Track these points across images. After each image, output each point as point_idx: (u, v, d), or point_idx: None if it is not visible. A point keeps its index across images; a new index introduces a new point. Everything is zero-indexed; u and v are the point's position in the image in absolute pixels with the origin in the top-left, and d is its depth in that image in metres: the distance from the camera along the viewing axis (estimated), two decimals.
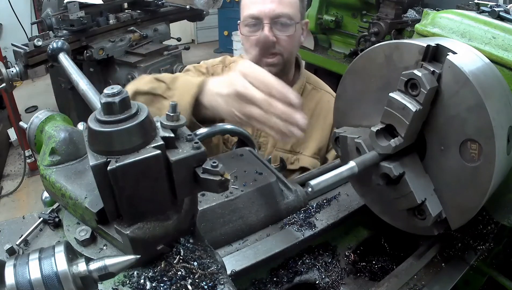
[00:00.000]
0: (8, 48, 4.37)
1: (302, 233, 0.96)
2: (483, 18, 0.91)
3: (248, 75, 0.99)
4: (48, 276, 0.49)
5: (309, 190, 0.68)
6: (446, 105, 0.73)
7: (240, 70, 1.02)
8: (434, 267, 0.94)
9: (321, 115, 1.74)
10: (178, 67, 3.82)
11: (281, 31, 1.56)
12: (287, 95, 0.95)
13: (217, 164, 0.60)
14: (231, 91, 1.01)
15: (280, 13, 1.54)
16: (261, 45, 1.57)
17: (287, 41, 1.59)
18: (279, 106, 0.95)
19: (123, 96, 0.58)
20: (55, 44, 1.10)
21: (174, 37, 4.52)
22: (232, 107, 1.01)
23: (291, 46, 1.62)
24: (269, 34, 1.54)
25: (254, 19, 1.57)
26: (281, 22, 1.55)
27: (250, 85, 0.98)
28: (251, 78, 0.99)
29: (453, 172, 0.75)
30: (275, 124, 0.96)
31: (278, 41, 1.57)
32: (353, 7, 3.89)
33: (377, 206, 0.95)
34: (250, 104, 0.98)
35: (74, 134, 0.79)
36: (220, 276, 0.64)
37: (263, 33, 1.54)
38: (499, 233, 0.97)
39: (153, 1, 4.16)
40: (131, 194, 0.58)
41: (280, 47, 1.58)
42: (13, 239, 0.78)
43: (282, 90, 0.95)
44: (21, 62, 3.07)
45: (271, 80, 0.96)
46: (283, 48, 1.59)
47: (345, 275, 0.99)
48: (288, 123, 0.96)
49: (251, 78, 0.99)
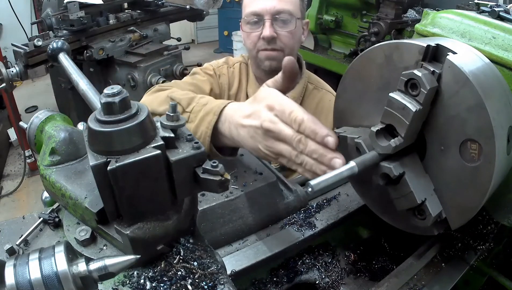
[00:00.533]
0: (8, 48, 4.36)
1: (302, 233, 0.96)
2: (483, 18, 0.91)
3: (274, 108, 0.86)
4: (48, 276, 0.49)
5: (309, 190, 0.68)
6: (446, 105, 0.73)
7: (266, 102, 0.88)
8: (434, 267, 0.94)
9: (322, 114, 1.75)
10: (178, 67, 3.82)
11: (282, 27, 1.60)
12: (319, 132, 0.80)
13: (217, 164, 0.60)
14: (256, 124, 0.87)
15: (281, 9, 1.57)
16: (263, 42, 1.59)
17: (288, 37, 1.62)
18: (310, 144, 0.81)
19: (123, 96, 0.58)
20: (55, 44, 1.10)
21: (174, 37, 4.52)
22: (258, 142, 0.88)
23: (292, 42, 1.65)
24: (270, 30, 1.57)
25: (256, 15, 1.60)
26: (282, 18, 1.58)
27: (277, 119, 0.85)
28: (278, 112, 0.85)
29: (453, 172, 0.75)
30: (306, 163, 0.83)
31: (279, 37, 1.60)
32: (353, 7, 3.89)
33: (377, 206, 0.95)
34: (278, 141, 0.85)
35: (74, 134, 0.79)
36: (220, 276, 0.64)
37: (264, 29, 1.57)
38: (499, 233, 0.97)
39: (153, 1, 4.16)
40: (131, 194, 0.58)
41: (281, 43, 1.61)
42: (13, 239, 0.78)
43: (314, 127, 0.80)
44: (21, 62, 3.07)
45: (300, 114, 0.82)
46: (284, 44, 1.62)
47: (345, 275, 0.99)
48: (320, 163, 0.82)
49: (278, 112, 0.85)
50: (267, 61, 1.64)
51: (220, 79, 1.77)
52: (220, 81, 1.77)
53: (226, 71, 1.79)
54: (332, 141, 0.78)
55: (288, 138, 0.83)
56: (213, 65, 1.82)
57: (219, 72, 1.78)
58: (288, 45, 1.63)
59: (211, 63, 1.85)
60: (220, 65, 1.82)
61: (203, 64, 1.89)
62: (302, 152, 0.82)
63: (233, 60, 1.86)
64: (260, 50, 1.64)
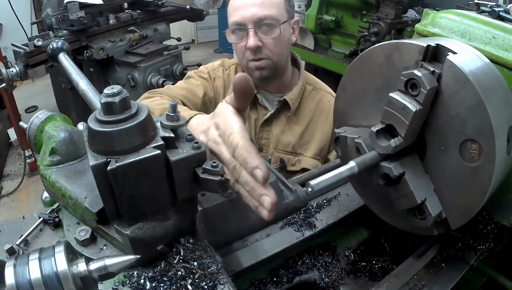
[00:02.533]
0: (8, 48, 4.36)
1: (302, 233, 0.96)
2: (483, 18, 0.91)
3: (220, 127, 0.80)
4: (48, 276, 0.49)
5: (309, 190, 0.68)
6: (446, 105, 0.73)
7: (216, 119, 0.83)
8: (434, 267, 0.94)
9: (321, 115, 1.74)
10: (178, 67, 3.81)
11: (266, 34, 1.55)
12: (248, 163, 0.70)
13: (217, 164, 0.60)
14: (204, 140, 0.83)
15: (263, 16, 1.52)
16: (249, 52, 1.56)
17: (274, 44, 1.57)
18: (243, 174, 0.72)
19: (123, 96, 0.58)
20: (55, 44, 1.10)
21: (174, 37, 4.52)
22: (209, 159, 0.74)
23: (279, 48, 1.60)
24: (254, 40, 1.53)
25: (238, 25, 1.56)
26: (265, 24, 1.53)
27: (220, 140, 0.79)
28: (221, 132, 0.79)
29: (453, 172, 0.75)
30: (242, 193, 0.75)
31: (265, 45, 1.56)
32: (353, 7, 3.89)
33: (377, 206, 0.95)
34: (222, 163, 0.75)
35: (74, 134, 0.79)
36: (220, 276, 0.64)
37: (248, 39, 1.53)
38: (499, 233, 0.97)
39: (153, 1, 4.16)
40: (131, 194, 0.58)
41: (268, 51, 1.57)
42: (13, 239, 0.78)
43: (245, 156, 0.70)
44: (21, 62, 3.06)
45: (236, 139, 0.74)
46: (270, 52, 1.57)
47: (345, 275, 0.99)
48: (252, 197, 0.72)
49: (221, 132, 0.79)
50: (257, 71, 1.61)
51: (215, 82, 1.75)
52: (215, 84, 1.75)
53: (222, 74, 1.78)
54: (260, 175, 0.68)
55: (226, 162, 0.76)
56: (208, 68, 1.80)
57: (214, 75, 1.76)
58: (275, 52, 1.58)
59: (206, 66, 1.83)
60: (216, 67, 1.80)
61: (203, 64, 1.89)
62: (237, 180, 0.74)
63: (229, 62, 1.84)
64: (248, 60, 1.60)
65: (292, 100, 1.69)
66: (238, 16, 1.55)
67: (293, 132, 1.72)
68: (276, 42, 1.57)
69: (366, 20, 3.73)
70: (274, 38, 1.55)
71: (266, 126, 1.73)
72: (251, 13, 1.52)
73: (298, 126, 1.72)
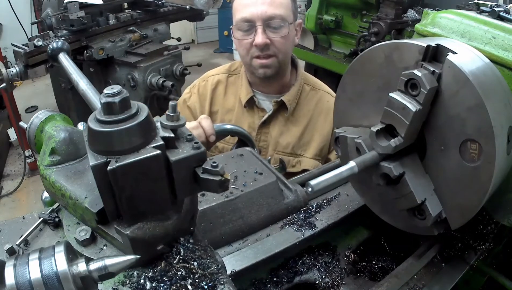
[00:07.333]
0: (8, 48, 4.36)
1: (302, 233, 0.96)
2: (483, 18, 0.91)
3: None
4: (48, 276, 0.49)
5: (309, 190, 0.68)
6: (446, 105, 0.73)
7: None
8: (434, 267, 0.94)
9: (321, 115, 1.74)
10: (178, 67, 3.81)
11: (274, 33, 1.55)
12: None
13: (217, 164, 0.60)
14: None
15: (273, 15, 1.53)
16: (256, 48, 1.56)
17: (281, 43, 1.58)
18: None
19: (123, 96, 0.58)
20: (55, 44, 1.10)
21: (174, 37, 4.51)
22: None
23: (286, 47, 1.61)
24: (262, 37, 1.53)
25: (247, 22, 1.56)
26: (274, 23, 1.54)
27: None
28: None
29: (453, 172, 0.75)
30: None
31: (273, 43, 1.56)
32: (353, 7, 3.89)
33: (377, 206, 0.95)
34: None
35: (74, 134, 0.79)
36: (220, 276, 0.64)
37: (256, 36, 1.53)
38: (499, 233, 0.97)
39: (153, 1, 4.16)
40: (131, 194, 0.58)
41: (275, 48, 1.57)
42: (13, 239, 0.78)
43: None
44: (21, 62, 3.06)
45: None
46: (277, 50, 1.58)
47: (345, 275, 0.99)
48: None
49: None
50: (261, 69, 1.61)
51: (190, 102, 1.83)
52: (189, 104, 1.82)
53: (197, 90, 1.82)
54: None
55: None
56: (182, 96, 1.87)
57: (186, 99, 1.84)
58: (281, 50, 1.59)
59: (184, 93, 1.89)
60: (188, 90, 1.86)
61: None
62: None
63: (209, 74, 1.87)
64: (253, 57, 1.60)
65: (289, 101, 1.68)
66: (247, 12, 1.55)
67: (292, 133, 1.71)
68: (283, 41, 1.58)
69: (366, 20, 3.73)
70: (282, 37, 1.57)
71: (264, 128, 1.73)
72: (261, 10, 1.52)
73: (297, 127, 1.72)
